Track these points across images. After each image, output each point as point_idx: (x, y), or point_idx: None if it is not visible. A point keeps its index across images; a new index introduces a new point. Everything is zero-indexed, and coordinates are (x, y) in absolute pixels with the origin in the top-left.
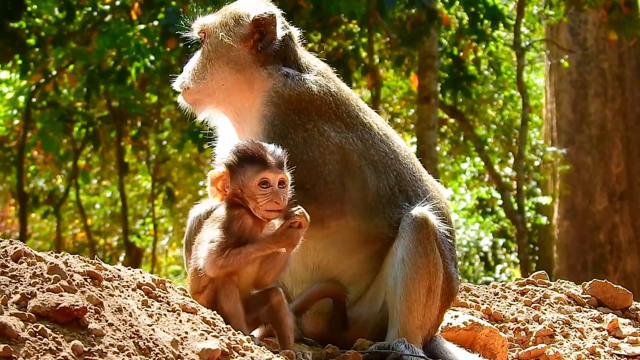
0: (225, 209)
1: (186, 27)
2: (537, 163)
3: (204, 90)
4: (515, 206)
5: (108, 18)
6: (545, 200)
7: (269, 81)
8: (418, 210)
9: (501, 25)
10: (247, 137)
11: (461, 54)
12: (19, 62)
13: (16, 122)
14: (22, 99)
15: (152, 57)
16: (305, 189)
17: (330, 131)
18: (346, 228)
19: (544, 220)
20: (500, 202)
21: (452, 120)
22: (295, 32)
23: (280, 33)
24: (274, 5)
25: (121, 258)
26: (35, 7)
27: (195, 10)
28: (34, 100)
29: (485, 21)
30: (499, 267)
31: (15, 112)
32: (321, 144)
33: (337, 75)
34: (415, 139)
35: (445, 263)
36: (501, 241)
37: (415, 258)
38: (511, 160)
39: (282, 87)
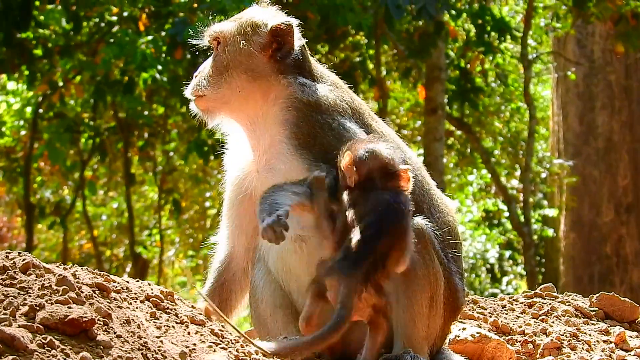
0: None
1: (196, 34)
2: (543, 175)
3: (221, 98)
4: (522, 218)
5: (115, 29)
6: (551, 212)
7: (288, 89)
8: (414, 221)
9: (508, 37)
10: (267, 144)
11: (468, 66)
12: (26, 72)
13: (23, 132)
14: (29, 109)
15: (159, 67)
16: None
17: (355, 128)
18: None
19: (550, 232)
20: (506, 214)
21: (459, 132)
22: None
23: (297, 43)
24: (284, 15)
25: (128, 269)
26: (42, 17)
27: (205, 18)
28: (40, 111)
29: (493, 33)
30: (505, 279)
31: (22, 122)
32: (352, 137)
33: None
34: (422, 151)
35: (447, 273)
36: (507, 253)
37: (415, 270)
38: (518, 173)
39: (302, 94)
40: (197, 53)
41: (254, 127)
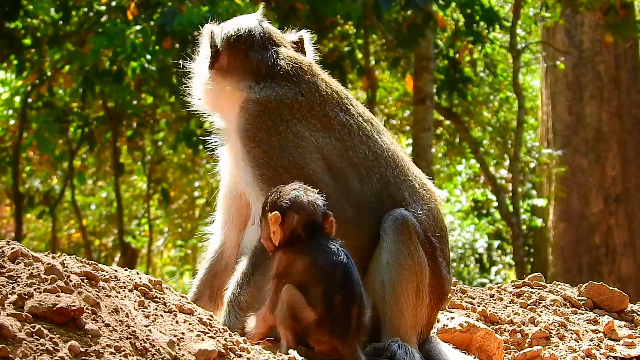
0: None
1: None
2: (532, 165)
3: (203, 102)
4: (511, 208)
5: (104, 19)
6: (540, 202)
7: (241, 94)
8: (397, 212)
9: (497, 27)
10: (236, 155)
11: (457, 55)
12: (15, 62)
13: (12, 122)
14: (17, 99)
15: (148, 57)
16: None
17: (304, 131)
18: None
19: (539, 222)
20: (495, 204)
21: (447, 122)
22: (276, 32)
23: (219, 45)
24: (269, 6)
25: (116, 259)
26: (31, 7)
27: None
28: (29, 100)
29: (481, 23)
30: (494, 269)
31: (10, 112)
32: (298, 145)
33: (333, 77)
34: (410, 141)
35: (432, 262)
36: (496, 243)
37: (400, 260)
38: (507, 162)
39: (252, 93)
40: (186, 42)
41: (228, 134)
